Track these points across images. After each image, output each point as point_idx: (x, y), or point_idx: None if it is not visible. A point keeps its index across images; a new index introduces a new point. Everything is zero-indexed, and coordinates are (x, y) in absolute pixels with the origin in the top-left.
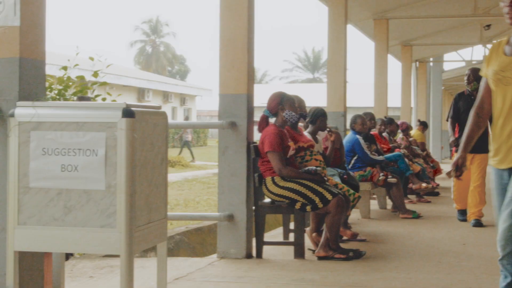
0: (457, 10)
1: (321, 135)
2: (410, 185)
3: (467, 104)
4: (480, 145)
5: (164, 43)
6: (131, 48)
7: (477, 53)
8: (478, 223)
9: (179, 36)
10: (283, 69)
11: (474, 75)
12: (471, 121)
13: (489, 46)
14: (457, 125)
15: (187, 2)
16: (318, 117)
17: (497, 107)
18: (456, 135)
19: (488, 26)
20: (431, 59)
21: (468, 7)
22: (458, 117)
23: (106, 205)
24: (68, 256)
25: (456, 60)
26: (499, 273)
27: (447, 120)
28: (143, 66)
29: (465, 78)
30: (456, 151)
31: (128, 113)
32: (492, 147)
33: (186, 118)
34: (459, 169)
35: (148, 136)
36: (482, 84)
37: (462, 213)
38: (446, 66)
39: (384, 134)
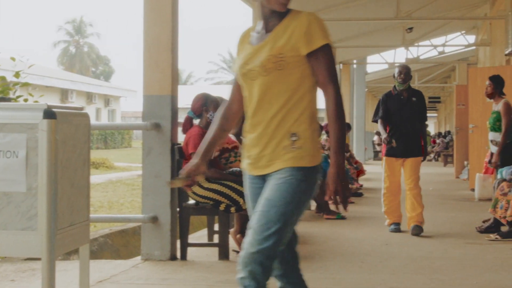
0: (380, 13)
1: None
2: None
3: (397, 104)
4: (412, 149)
5: (88, 43)
6: (54, 49)
7: (399, 55)
8: (418, 229)
9: (103, 37)
10: (208, 71)
11: (409, 73)
12: (216, 123)
13: (412, 48)
14: (387, 127)
15: (112, 3)
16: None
17: (247, 105)
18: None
19: (410, 29)
20: (354, 61)
21: (390, 10)
22: (389, 118)
23: (27, 207)
24: None
25: (379, 63)
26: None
27: (373, 121)
28: (67, 67)
29: (399, 75)
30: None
31: (49, 114)
32: (244, 149)
33: None
34: (190, 178)
35: (70, 138)
36: (232, 81)
37: (396, 224)
38: (369, 68)
39: None
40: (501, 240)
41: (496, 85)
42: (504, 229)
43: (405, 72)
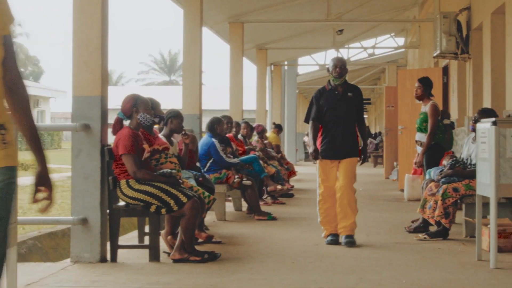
0: (311, 15)
1: (177, 137)
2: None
3: (331, 100)
4: (348, 149)
5: (16, 43)
6: None
7: (330, 57)
8: (351, 242)
9: (32, 37)
10: (139, 71)
11: (345, 66)
12: None
13: (342, 50)
14: (320, 128)
15: (41, 2)
16: (169, 118)
17: None
18: (320, 139)
19: (341, 31)
20: (285, 62)
21: (321, 12)
22: (322, 116)
23: None
24: None
25: (310, 64)
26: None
27: (305, 122)
28: None
29: (334, 69)
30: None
31: None
32: None
33: None
34: None
35: None
36: None
37: (334, 235)
38: (300, 70)
39: (239, 136)
40: (429, 239)
41: (426, 87)
42: (433, 229)
43: (341, 65)
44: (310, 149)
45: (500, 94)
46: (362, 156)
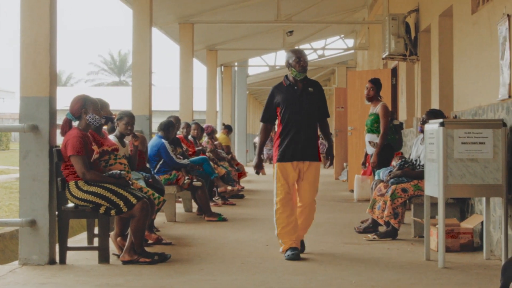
0: (261, 16)
1: (128, 138)
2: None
3: (291, 97)
4: (309, 150)
5: None
6: None
7: (280, 58)
8: (302, 247)
9: None
10: (88, 72)
11: (307, 58)
12: None
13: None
14: (278, 130)
15: None
16: (117, 120)
17: None
18: (278, 141)
19: (291, 32)
20: (236, 63)
21: (271, 13)
22: (281, 115)
23: None
24: None
25: (260, 65)
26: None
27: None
28: None
29: (298, 62)
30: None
31: None
32: None
33: None
34: None
35: None
36: None
37: (294, 249)
38: (251, 71)
39: (190, 137)
40: (378, 240)
41: (378, 88)
42: (382, 229)
43: (304, 58)
44: (254, 160)
45: (447, 95)
46: (329, 157)
